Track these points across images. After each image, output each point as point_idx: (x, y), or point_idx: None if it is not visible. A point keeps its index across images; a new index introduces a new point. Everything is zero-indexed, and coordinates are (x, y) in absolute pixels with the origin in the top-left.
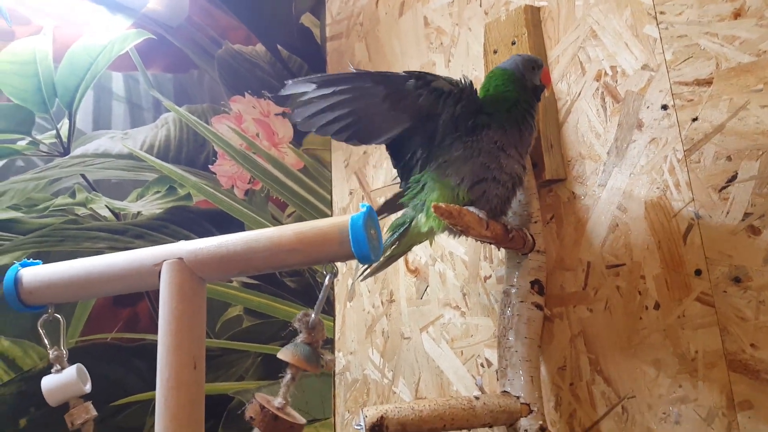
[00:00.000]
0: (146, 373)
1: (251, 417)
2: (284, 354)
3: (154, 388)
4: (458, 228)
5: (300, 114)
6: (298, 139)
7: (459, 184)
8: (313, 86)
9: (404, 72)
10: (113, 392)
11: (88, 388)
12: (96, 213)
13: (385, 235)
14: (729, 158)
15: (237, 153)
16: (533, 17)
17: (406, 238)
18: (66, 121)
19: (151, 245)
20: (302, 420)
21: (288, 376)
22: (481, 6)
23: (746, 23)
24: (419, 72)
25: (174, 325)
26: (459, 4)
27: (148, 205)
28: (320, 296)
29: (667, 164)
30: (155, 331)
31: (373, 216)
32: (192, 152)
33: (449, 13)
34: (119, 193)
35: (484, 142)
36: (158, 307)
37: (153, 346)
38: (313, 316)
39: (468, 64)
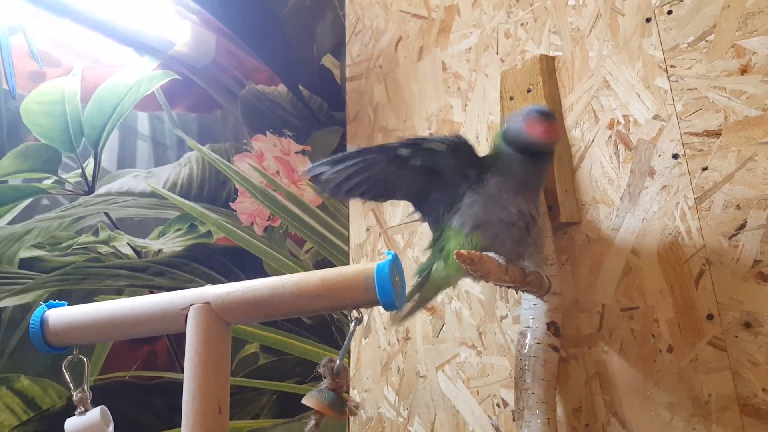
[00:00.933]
0: (164, 412)
1: None
2: (309, 400)
3: (172, 427)
4: (479, 274)
5: (325, 188)
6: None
7: (462, 226)
8: (328, 167)
9: (397, 142)
10: (131, 431)
11: (111, 430)
12: (118, 251)
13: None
14: (738, 207)
15: (257, 190)
16: (548, 66)
17: (429, 284)
18: (91, 160)
19: (172, 282)
20: None
21: (312, 423)
22: (497, 54)
23: (752, 79)
24: (410, 139)
25: (200, 370)
26: (476, 51)
27: (169, 243)
28: (345, 343)
29: (679, 211)
30: (174, 369)
31: (398, 263)
32: (213, 190)
33: (467, 59)
34: (141, 231)
35: (488, 187)
36: (176, 346)
37: (171, 384)
38: (338, 362)
39: (484, 109)
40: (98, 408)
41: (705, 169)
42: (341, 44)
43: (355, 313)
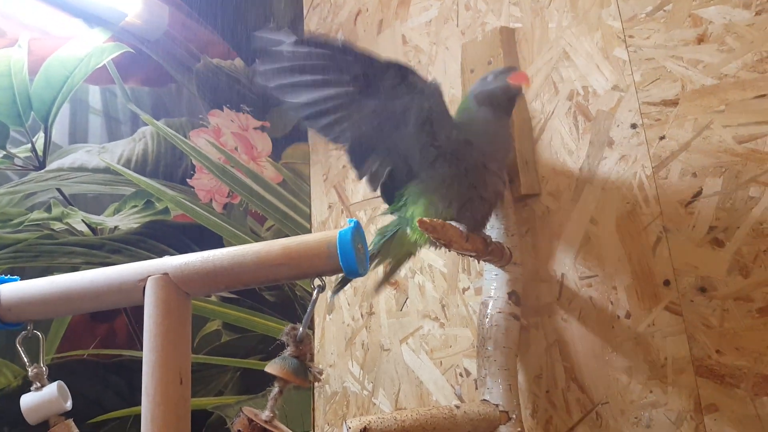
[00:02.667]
0: (124, 390)
1: (239, 430)
2: (272, 368)
3: (132, 405)
4: (441, 242)
5: (269, 74)
6: (276, 153)
7: (448, 207)
8: (288, 42)
9: (385, 60)
10: (90, 409)
11: (69, 405)
12: (72, 228)
13: (372, 240)
14: (694, 175)
15: (215, 167)
16: (508, 38)
17: (393, 247)
18: (41, 134)
19: (129, 260)
20: None
21: (275, 390)
22: (458, 26)
23: (709, 48)
24: (401, 63)
25: (160, 341)
26: (436, 23)
27: (126, 220)
28: (308, 310)
29: (637, 180)
30: (133, 347)
31: (360, 231)
32: (170, 166)
33: (427, 32)
34: (96, 208)
35: (468, 160)
36: (135, 323)
37: (131, 362)
38: (301, 329)
39: (446, 82)
40: (55, 383)
41: (662, 138)
42: (299, 18)
43: (317, 281)
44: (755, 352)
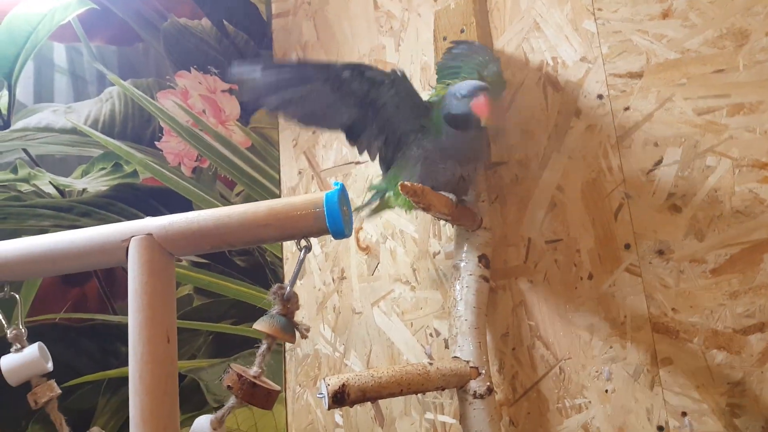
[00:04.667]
0: (97, 354)
1: (229, 386)
2: (261, 325)
3: (105, 368)
4: (421, 205)
5: (251, 94)
6: (245, 116)
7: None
8: (258, 69)
9: (339, 63)
10: (63, 373)
11: (50, 366)
12: (40, 190)
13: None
14: (656, 144)
15: (183, 129)
16: (481, 7)
17: (381, 204)
18: (5, 92)
19: (99, 223)
20: (278, 387)
21: (264, 346)
22: None
23: (673, 23)
24: (353, 63)
25: (146, 300)
26: None
27: (94, 182)
28: (295, 270)
29: (602, 149)
30: (105, 311)
31: (345, 193)
32: (138, 128)
33: None
34: (63, 169)
35: (429, 149)
36: (107, 287)
37: (103, 327)
38: (288, 288)
39: (417, 49)
40: (36, 344)
41: (627, 109)
42: None
43: (303, 242)
44: (707, 309)
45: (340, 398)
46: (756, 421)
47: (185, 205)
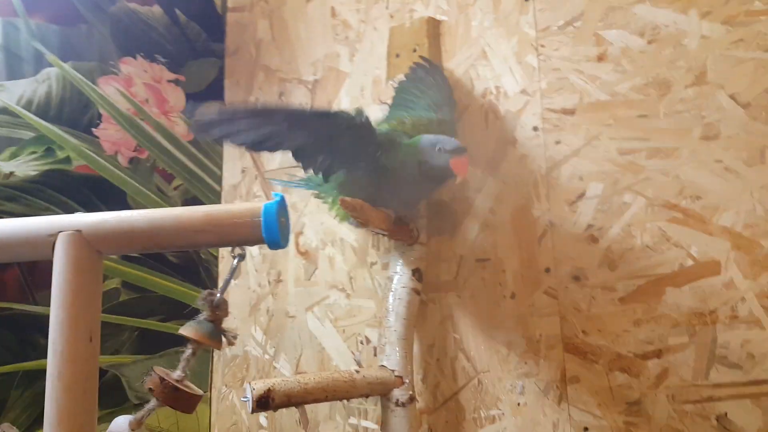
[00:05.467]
0: (14, 345)
1: (151, 388)
2: (187, 330)
3: (21, 360)
4: (359, 220)
5: (198, 131)
6: (190, 109)
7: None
8: (216, 121)
9: (308, 110)
10: None
11: None
12: None
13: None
14: (581, 178)
15: (123, 118)
16: (434, 29)
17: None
18: None
19: (25, 209)
20: (200, 392)
21: (189, 351)
22: (387, 8)
23: (606, 66)
24: (322, 111)
25: (70, 299)
26: (366, 2)
27: (23, 166)
28: (227, 277)
29: (532, 178)
30: (25, 301)
31: (284, 205)
32: (75, 113)
33: (356, 9)
34: None
35: (381, 185)
36: (29, 275)
37: (21, 316)
38: (218, 295)
39: (371, 62)
40: None
41: (558, 143)
42: None
43: (238, 249)
44: (613, 333)
45: (264, 403)
46: None
47: (119, 196)
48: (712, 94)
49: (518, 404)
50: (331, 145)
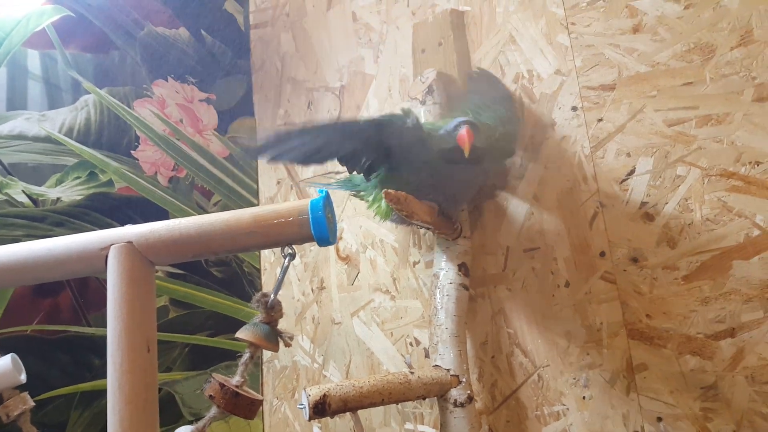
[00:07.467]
0: (69, 367)
1: (211, 395)
2: (243, 333)
3: (78, 382)
4: (404, 213)
5: (252, 155)
6: (222, 126)
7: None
8: (273, 146)
9: (364, 121)
10: (35, 387)
11: (23, 378)
12: (12, 199)
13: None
14: (628, 155)
15: (160, 138)
16: (458, 21)
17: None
18: None
19: (72, 233)
20: (260, 397)
21: (246, 355)
22: (408, 6)
23: (643, 37)
24: (376, 120)
25: (126, 309)
26: (387, 2)
27: (68, 191)
28: (279, 278)
29: (576, 159)
30: (78, 323)
31: (329, 201)
32: (113, 136)
33: (377, 10)
34: (37, 178)
35: (422, 176)
36: (81, 298)
37: (76, 339)
38: (272, 296)
39: (397, 61)
40: (8, 356)
41: (600, 120)
42: None
43: (288, 249)
44: (680, 315)
45: (321, 409)
46: (728, 424)
47: (161, 215)
48: (761, 53)
49: (583, 398)
50: (379, 148)
